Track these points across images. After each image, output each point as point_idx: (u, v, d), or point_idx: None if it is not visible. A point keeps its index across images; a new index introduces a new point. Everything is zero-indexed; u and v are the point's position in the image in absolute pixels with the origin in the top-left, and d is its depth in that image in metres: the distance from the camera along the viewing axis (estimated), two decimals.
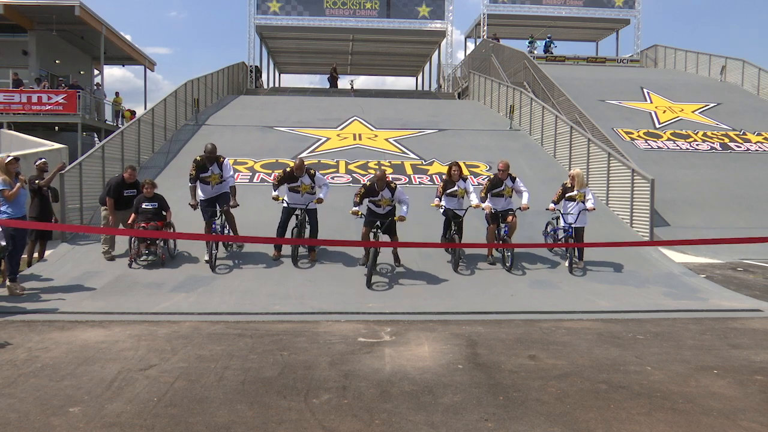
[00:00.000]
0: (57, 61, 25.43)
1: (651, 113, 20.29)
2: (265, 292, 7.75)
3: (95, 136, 24.08)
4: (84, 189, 11.22)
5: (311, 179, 9.33)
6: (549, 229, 10.20)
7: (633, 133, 18.26)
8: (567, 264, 9.13)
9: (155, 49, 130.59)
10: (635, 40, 33.43)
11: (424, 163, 15.21)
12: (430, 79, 39.76)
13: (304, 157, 15.66)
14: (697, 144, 17.84)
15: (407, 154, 16.01)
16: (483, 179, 14.22)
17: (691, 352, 5.51)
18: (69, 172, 10.89)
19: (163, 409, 4.02)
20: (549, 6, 32.16)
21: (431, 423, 3.87)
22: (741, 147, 17.73)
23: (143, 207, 9.12)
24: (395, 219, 8.60)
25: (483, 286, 8.31)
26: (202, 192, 9.34)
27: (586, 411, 4.06)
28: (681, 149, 17.46)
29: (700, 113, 20.47)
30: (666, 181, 14.63)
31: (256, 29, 31.88)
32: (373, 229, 8.58)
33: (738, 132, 18.79)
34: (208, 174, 9.27)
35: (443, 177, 9.59)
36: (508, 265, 8.93)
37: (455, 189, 9.40)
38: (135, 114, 25.05)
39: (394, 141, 17.05)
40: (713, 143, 17.90)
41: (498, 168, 9.49)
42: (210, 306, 7.05)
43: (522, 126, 18.95)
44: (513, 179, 9.37)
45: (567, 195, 9.51)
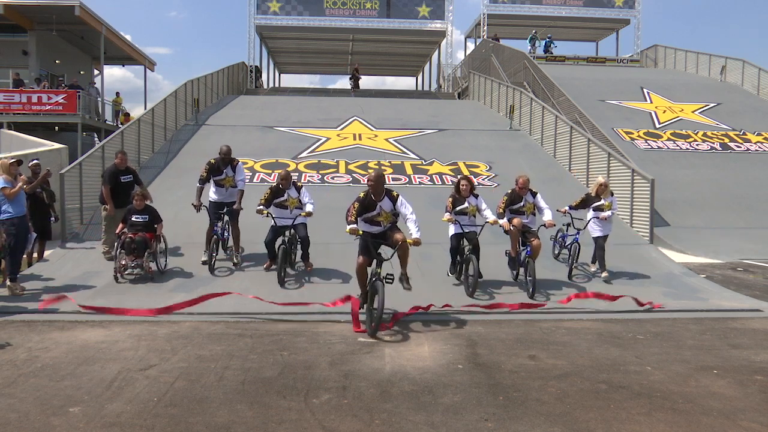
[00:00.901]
0: (57, 61, 25.43)
1: (651, 113, 20.29)
2: (265, 292, 7.75)
3: (95, 136, 24.07)
4: (84, 189, 11.21)
5: (298, 192, 8.69)
6: (559, 236, 9.90)
7: (633, 133, 18.26)
8: (567, 270, 8.99)
9: (155, 49, 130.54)
10: (635, 40, 33.45)
11: (424, 163, 15.21)
12: (430, 79, 39.78)
13: (303, 158, 15.74)
14: (697, 144, 17.84)
15: (407, 154, 16.00)
16: (483, 179, 14.22)
17: (691, 352, 5.51)
18: (69, 172, 10.89)
19: (163, 409, 4.02)
20: (549, 6, 32.16)
21: (431, 423, 3.87)
22: (741, 147, 17.73)
23: (133, 219, 8.63)
24: (408, 242, 6.35)
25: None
26: (215, 194, 9.22)
27: (586, 411, 4.06)
28: (681, 149, 17.46)
29: (700, 113, 20.47)
30: (666, 181, 14.63)
31: (256, 29, 31.88)
32: (375, 260, 6.38)
33: (738, 132, 18.80)
34: (222, 177, 9.14)
35: (452, 193, 8.55)
36: (530, 291, 7.93)
37: (465, 206, 8.40)
38: (129, 116, 25.04)
39: (394, 141, 17.05)
40: (713, 143, 17.90)
41: (517, 185, 8.56)
42: (210, 306, 7.05)
43: (522, 126, 18.94)
44: (533, 194, 8.58)
45: (594, 205, 9.08)
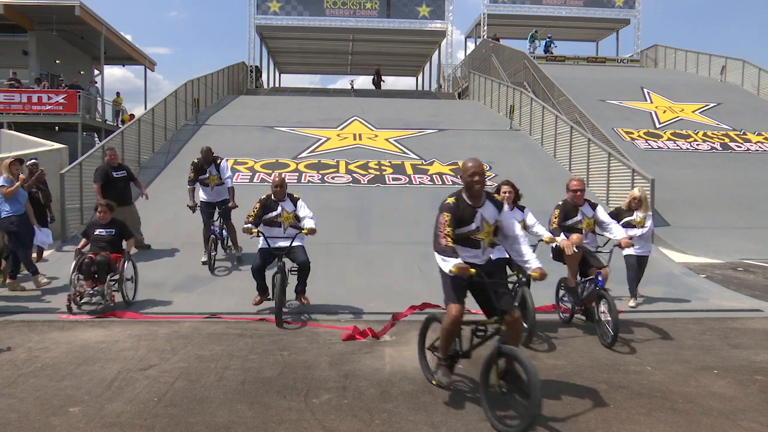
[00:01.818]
0: (57, 61, 25.44)
1: (651, 113, 20.28)
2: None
3: (95, 136, 24.08)
4: (84, 189, 11.22)
5: (294, 205, 6.86)
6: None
7: (633, 133, 18.26)
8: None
9: (155, 49, 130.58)
10: (635, 40, 33.44)
11: (424, 163, 15.21)
12: (430, 79, 39.79)
13: (303, 158, 15.72)
14: (698, 144, 17.84)
15: (407, 154, 16.00)
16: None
17: (691, 352, 5.51)
18: (69, 172, 10.90)
19: (163, 409, 4.02)
20: (549, 6, 32.15)
21: (431, 423, 3.87)
22: (741, 147, 17.72)
23: (96, 234, 7.22)
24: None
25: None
26: (204, 194, 9.25)
27: (586, 411, 4.06)
28: (681, 149, 17.46)
29: (700, 113, 20.46)
30: (666, 181, 14.62)
31: (256, 29, 31.88)
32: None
33: (738, 132, 18.79)
34: (206, 176, 9.18)
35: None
36: (610, 337, 5.56)
37: None
38: (132, 116, 25.04)
39: (394, 141, 17.05)
40: (713, 143, 17.89)
41: (569, 188, 6.43)
42: (210, 306, 7.05)
43: (522, 126, 18.94)
44: (593, 206, 6.42)
45: (624, 220, 7.28)
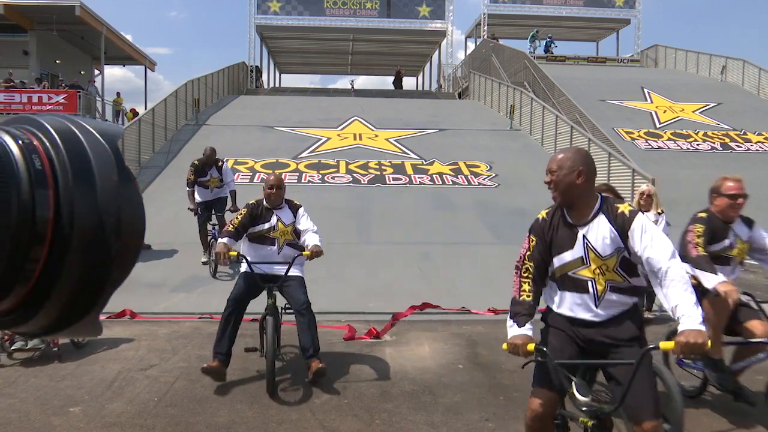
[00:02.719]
0: (57, 61, 25.44)
1: (651, 113, 20.28)
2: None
3: None
4: None
5: (294, 215, 4.90)
6: None
7: (633, 133, 18.25)
8: None
9: (156, 49, 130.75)
10: (635, 40, 33.42)
11: (424, 163, 15.20)
12: (430, 79, 39.78)
13: (303, 158, 15.72)
14: (698, 144, 17.83)
15: (408, 154, 16.00)
16: (483, 179, 14.21)
17: None
18: None
19: (164, 409, 4.02)
20: (549, 6, 32.14)
21: (431, 423, 3.87)
22: (741, 147, 17.72)
23: None
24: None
25: None
26: (199, 195, 9.12)
27: None
28: (681, 149, 17.45)
29: (700, 113, 20.46)
30: (666, 181, 14.59)
31: (256, 29, 31.87)
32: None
33: (738, 132, 18.78)
34: (206, 178, 9.05)
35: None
36: None
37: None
38: (136, 112, 25.04)
39: (394, 141, 17.05)
40: (714, 143, 17.89)
41: (721, 192, 4.21)
42: (210, 306, 7.05)
43: (522, 126, 18.94)
44: (749, 224, 4.31)
45: None
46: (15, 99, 20.47)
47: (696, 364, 4.23)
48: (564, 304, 2.71)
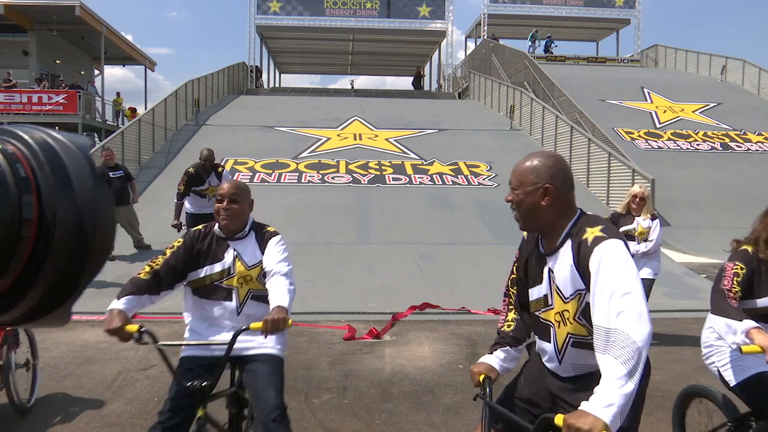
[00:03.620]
0: (57, 61, 25.44)
1: (651, 113, 20.28)
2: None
3: (95, 136, 24.10)
4: None
5: (262, 247, 2.89)
6: None
7: (633, 133, 18.25)
8: None
9: (156, 50, 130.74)
10: (635, 40, 33.43)
11: (424, 163, 15.21)
12: (430, 79, 39.78)
13: (303, 158, 15.73)
14: (698, 144, 17.83)
15: (407, 154, 16.00)
16: (483, 179, 14.20)
17: (691, 351, 5.51)
18: None
19: None
20: (549, 6, 32.15)
21: (431, 423, 3.87)
22: (741, 147, 17.72)
23: None
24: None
25: None
26: (193, 205, 7.91)
27: None
28: (681, 149, 17.45)
29: (700, 113, 20.46)
30: (666, 181, 14.62)
31: (256, 29, 31.87)
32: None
33: (738, 132, 18.79)
34: (204, 187, 7.79)
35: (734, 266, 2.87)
36: None
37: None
38: (135, 111, 25.05)
39: (394, 141, 17.06)
40: (714, 143, 17.89)
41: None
42: None
43: (522, 126, 18.95)
44: None
45: (623, 229, 5.38)
46: (15, 99, 20.49)
47: None
48: (539, 349, 2.15)
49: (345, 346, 5.58)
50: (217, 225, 2.87)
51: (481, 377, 2.11)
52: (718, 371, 3.00)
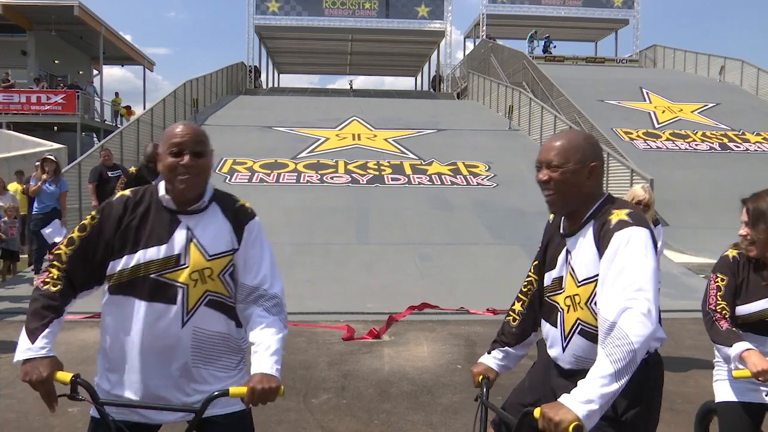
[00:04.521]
0: (56, 61, 25.42)
1: (650, 113, 20.29)
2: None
3: (94, 136, 24.07)
4: (83, 189, 11.21)
5: (238, 234, 1.95)
6: None
7: (632, 133, 18.26)
8: None
9: (155, 50, 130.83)
10: (634, 40, 33.46)
11: (423, 163, 15.21)
12: (429, 80, 39.78)
13: (302, 158, 15.72)
14: (696, 144, 17.85)
15: (406, 154, 16.01)
16: (483, 179, 14.21)
17: (690, 352, 5.52)
18: (68, 172, 10.91)
19: None
20: (548, 6, 32.16)
21: (430, 423, 3.87)
22: (740, 147, 17.74)
23: None
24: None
25: None
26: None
27: None
28: (680, 149, 17.47)
29: (699, 113, 20.48)
30: (665, 181, 14.63)
31: (255, 29, 31.86)
32: None
33: (737, 132, 18.80)
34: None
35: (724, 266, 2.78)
36: None
37: None
38: (130, 109, 25.00)
39: (393, 141, 17.06)
40: (712, 143, 17.91)
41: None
42: None
43: (521, 126, 18.96)
44: None
45: None
46: (14, 99, 20.47)
47: None
48: (545, 336, 2.03)
49: (344, 346, 5.58)
50: (163, 190, 1.88)
51: (479, 378, 2.08)
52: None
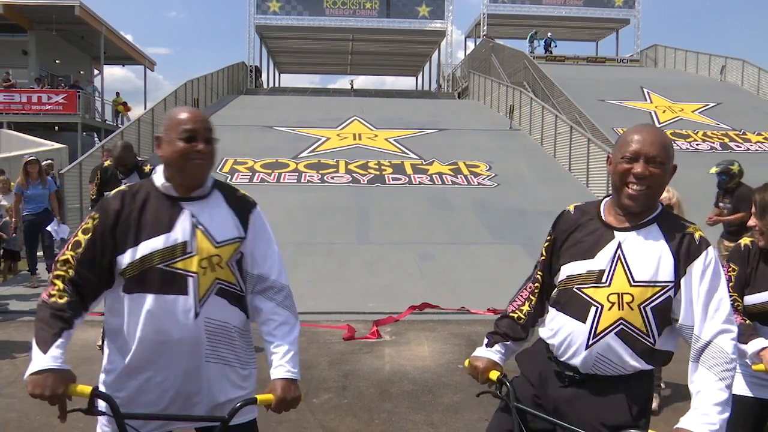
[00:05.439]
0: (57, 61, 25.43)
1: (651, 113, 20.28)
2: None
3: (95, 135, 24.09)
4: (84, 189, 11.22)
5: (243, 222, 1.95)
6: None
7: None
8: None
9: (155, 49, 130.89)
10: (635, 39, 33.45)
11: (424, 163, 15.21)
12: (430, 79, 39.80)
13: (303, 158, 15.73)
14: (697, 144, 17.84)
15: (407, 153, 16.01)
16: (483, 179, 14.21)
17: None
18: (69, 171, 10.93)
19: None
20: (549, 6, 32.15)
21: (431, 422, 3.87)
22: (741, 147, 17.72)
23: None
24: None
25: None
26: None
27: None
28: (681, 149, 17.44)
29: (699, 113, 20.46)
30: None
31: (255, 29, 31.87)
32: None
33: (738, 132, 18.79)
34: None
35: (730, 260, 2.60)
36: None
37: None
38: (126, 104, 24.96)
39: (393, 141, 17.06)
40: (713, 143, 17.90)
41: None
42: None
43: (522, 126, 18.95)
44: None
45: None
46: (15, 99, 20.48)
47: None
48: (557, 332, 1.87)
49: (344, 345, 5.58)
50: (162, 178, 1.85)
51: (494, 374, 1.91)
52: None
